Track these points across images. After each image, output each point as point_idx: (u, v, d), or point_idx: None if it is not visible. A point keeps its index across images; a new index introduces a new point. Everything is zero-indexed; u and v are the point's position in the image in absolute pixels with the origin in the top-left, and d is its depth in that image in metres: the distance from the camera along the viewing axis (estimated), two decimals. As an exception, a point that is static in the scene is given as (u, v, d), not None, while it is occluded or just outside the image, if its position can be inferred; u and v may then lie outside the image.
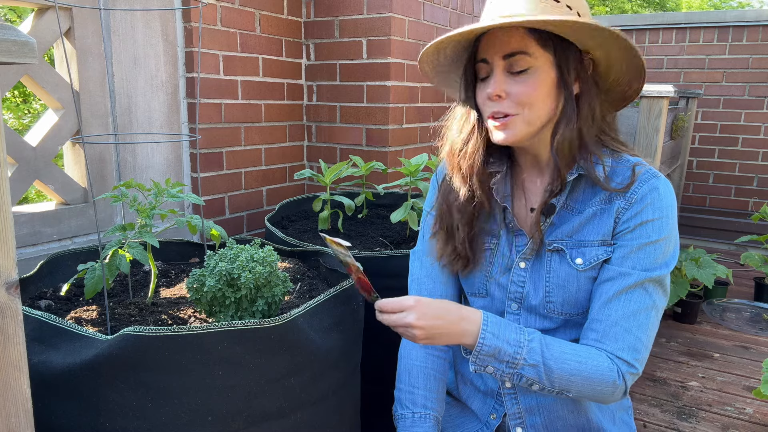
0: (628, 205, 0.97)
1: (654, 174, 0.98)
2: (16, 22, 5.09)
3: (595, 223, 1.00)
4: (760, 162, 4.11)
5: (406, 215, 1.71)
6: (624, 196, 0.97)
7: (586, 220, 1.00)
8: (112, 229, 1.16)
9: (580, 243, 1.01)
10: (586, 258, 1.00)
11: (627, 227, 0.97)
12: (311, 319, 1.07)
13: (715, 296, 3.08)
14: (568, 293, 1.01)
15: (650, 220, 0.95)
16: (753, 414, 2.06)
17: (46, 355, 0.96)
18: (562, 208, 1.02)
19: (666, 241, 0.96)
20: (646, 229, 0.96)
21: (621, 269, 0.96)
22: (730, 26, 4.05)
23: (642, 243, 0.96)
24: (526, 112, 0.95)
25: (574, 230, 1.01)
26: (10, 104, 5.26)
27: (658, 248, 0.96)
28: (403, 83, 2.33)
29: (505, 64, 0.95)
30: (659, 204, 0.96)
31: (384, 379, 1.53)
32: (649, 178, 0.97)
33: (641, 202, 0.96)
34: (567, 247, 1.01)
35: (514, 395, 1.08)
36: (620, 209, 0.98)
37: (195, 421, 0.95)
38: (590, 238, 1.00)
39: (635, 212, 0.96)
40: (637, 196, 0.97)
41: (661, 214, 0.96)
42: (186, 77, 1.95)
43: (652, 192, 0.96)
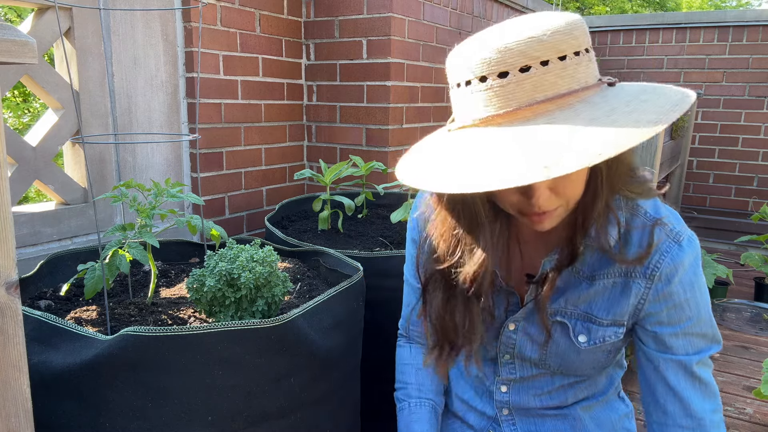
0: (651, 283, 0.84)
1: (676, 237, 0.84)
2: (16, 22, 5.09)
3: (608, 300, 0.88)
4: (760, 162, 4.11)
5: (406, 215, 1.71)
6: (645, 275, 0.84)
7: (597, 293, 0.88)
8: (112, 229, 1.16)
9: (586, 317, 0.90)
10: (592, 337, 0.90)
11: (659, 310, 0.86)
12: (311, 319, 1.07)
13: (715, 296, 3.08)
14: (566, 363, 0.94)
15: (684, 300, 0.85)
16: (753, 414, 2.06)
17: (46, 355, 0.96)
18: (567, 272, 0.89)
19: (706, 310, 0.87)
20: (683, 310, 0.85)
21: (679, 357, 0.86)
22: (730, 26, 4.04)
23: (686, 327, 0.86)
24: (568, 201, 0.78)
25: (582, 300, 0.89)
26: (10, 104, 5.26)
27: (703, 324, 0.86)
28: (403, 83, 2.33)
29: None
30: (688, 280, 0.84)
31: (384, 379, 1.53)
32: (670, 248, 0.83)
33: (668, 283, 0.84)
34: (570, 319, 0.90)
35: (512, 421, 1.06)
36: (642, 291, 0.85)
37: (195, 421, 0.95)
38: (600, 315, 0.89)
39: (664, 294, 0.85)
40: (660, 273, 0.83)
41: (694, 288, 0.85)
42: (186, 77, 1.95)
43: (677, 268, 0.83)
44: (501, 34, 0.70)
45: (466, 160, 0.69)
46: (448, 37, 2.61)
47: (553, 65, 0.68)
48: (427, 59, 2.47)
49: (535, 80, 0.67)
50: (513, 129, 0.67)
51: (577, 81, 0.69)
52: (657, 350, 0.88)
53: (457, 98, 0.75)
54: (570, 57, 0.69)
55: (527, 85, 0.68)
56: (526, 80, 0.67)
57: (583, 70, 0.70)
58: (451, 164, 0.70)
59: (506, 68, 0.68)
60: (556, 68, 0.68)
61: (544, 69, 0.67)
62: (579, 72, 0.69)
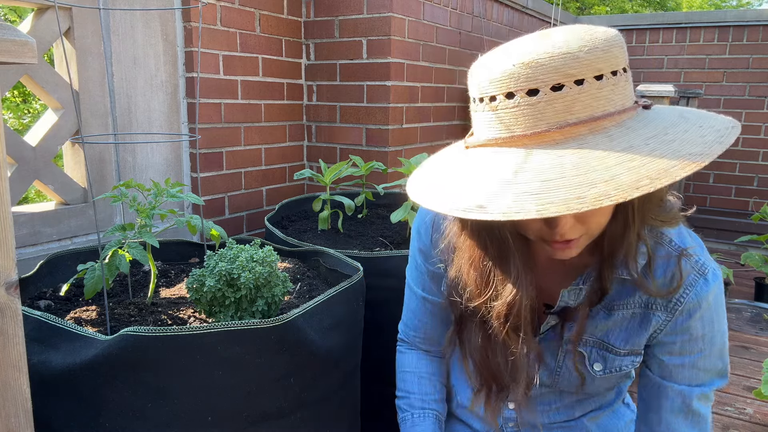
0: (671, 317, 0.81)
1: (701, 271, 0.80)
2: (16, 22, 5.09)
3: (626, 330, 0.85)
4: (761, 162, 4.11)
5: (406, 215, 1.71)
6: (666, 308, 0.81)
7: (616, 323, 0.85)
8: (111, 229, 1.15)
9: (603, 345, 0.87)
10: (608, 366, 0.88)
11: (673, 341, 0.83)
12: (311, 319, 1.07)
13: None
14: (577, 388, 0.93)
15: (701, 336, 0.82)
16: (753, 414, 2.06)
17: (45, 355, 0.95)
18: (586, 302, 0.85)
19: (720, 347, 0.84)
20: (697, 344, 0.82)
21: (680, 387, 0.84)
22: (730, 26, 4.04)
23: (695, 360, 0.83)
24: (592, 231, 0.74)
25: (599, 330, 0.86)
26: (10, 104, 5.26)
27: (714, 359, 0.84)
28: (403, 83, 2.33)
29: None
30: (709, 316, 0.81)
31: (384, 379, 1.53)
32: (695, 282, 0.79)
33: (688, 317, 0.81)
34: (586, 347, 0.87)
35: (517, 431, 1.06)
36: (660, 323, 0.83)
37: (195, 421, 0.95)
38: (617, 345, 0.86)
39: (682, 327, 0.81)
40: (682, 307, 0.80)
41: (713, 325, 0.82)
42: (186, 77, 1.95)
43: (700, 304, 0.80)
44: (532, 46, 0.64)
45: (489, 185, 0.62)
46: (448, 37, 2.61)
47: (589, 85, 0.62)
48: (427, 59, 2.47)
49: (568, 100, 0.61)
50: (540, 153, 0.62)
51: (613, 103, 0.63)
52: (660, 376, 0.87)
53: (479, 113, 0.69)
54: (607, 77, 0.63)
55: (559, 105, 0.62)
56: (558, 100, 0.61)
57: (620, 91, 0.64)
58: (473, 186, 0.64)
59: (537, 85, 0.62)
60: (592, 88, 0.62)
61: (579, 89, 0.61)
62: (616, 93, 0.63)
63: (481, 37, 2.88)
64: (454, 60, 2.67)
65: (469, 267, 0.83)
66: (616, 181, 0.56)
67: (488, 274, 0.81)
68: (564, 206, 0.56)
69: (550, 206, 0.56)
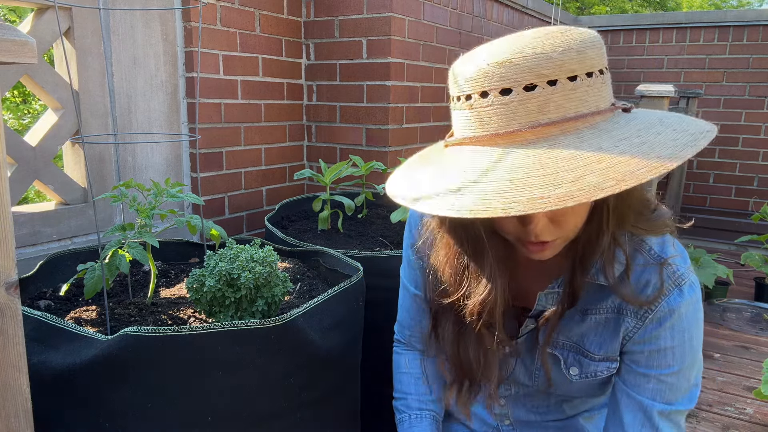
0: (641, 324, 0.80)
1: (677, 282, 0.78)
2: (15, 22, 5.09)
3: (600, 335, 0.84)
4: (761, 162, 4.11)
5: (405, 215, 1.71)
6: (636, 315, 0.80)
7: (590, 328, 0.84)
8: (111, 229, 1.15)
9: (579, 350, 0.86)
10: (583, 370, 0.87)
11: (641, 351, 0.81)
12: (311, 319, 1.07)
13: (715, 296, 3.08)
14: (558, 392, 0.93)
15: (669, 348, 0.79)
16: (753, 414, 2.06)
17: (45, 355, 0.95)
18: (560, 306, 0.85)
19: (690, 365, 0.80)
20: (664, 357, 0.80)
21: (642, 399, 0.82)
22: (730, 26, 4.04)
23: (661, 374, 0.80)
24: (567, 233, 0.74)
25: (574, 334, 0.86)
26: (10, 104, 5.26)
27: (682, 378, 0.80)
28: (403, 83, 2.33)
29: None
30: (680, 327, 0.78)
31: (384, 379, 1.53)
32: (669, 290, 0.78)
33: (658, 325, 0.79)
34: (563, 351, 0.87)
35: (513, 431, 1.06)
36: (630, 328, 0.81)
37: (195, 422, 0.95)
38: (592, 350, 0.85)
39: (650, 336, 0.80)
40: (652, 315, 0.79)
41: (683, 339, 0.79)
42: (186, 77, 1.95)
43: (672, 313, 0.78)
44: (506, 46, 0.64)
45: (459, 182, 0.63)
46: (448, 37, 2.61)
47: (562, 86, 0.62)
48: (427, 59, 2.47)
49: (540, 100, 0.62)
50: (511, 152, 0.62)
51: (587, 105, 0.63)
52: (625, 384, 0.84)
53: (456, 112, 0.70)
54: (581, 78, 0.63)
55: (531, 105, 0.62)
56: (530, 100, 0.62)
57: (595, 92, 0.64)
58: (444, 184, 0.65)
59: (510, 85, 0.63)
60: (565, 89, 0.62)
61: (551, 89, 0.62)
62: (590, 95, 0.64)
63: (481, 37, 2.88)
64: (454, 60, 2.66)
65: (444, 263, 0.84)
66: (582, 181, 0.56)
67: (462, 271, 0.82)
68: (529, 205, 0.56)
69: (516, 205, 0.57)
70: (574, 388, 0.91)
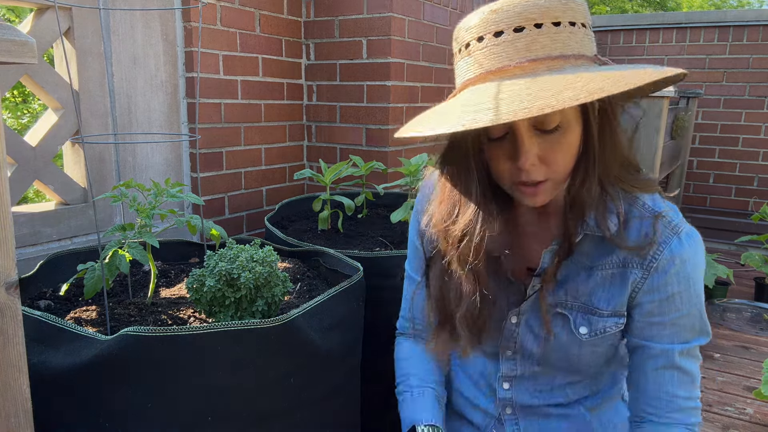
0: (647, 274, 0.85)
1: (675, 230, 0.84)
2: (15, 22, 5.09)
3: (608, 291, 0.89)
4: (761, 162, 4.11)
5: (406, 215, 1.71)
6: (642, 266, 0.85)
7: (597, 284, 0.89)
8: (111, 229, 1.15)
9: (587, 308, 0.90)
10: (592, 328, 0.90)
11: (650, 300, 0.86)
12: (311, 319, 1.07)
13: (715, 296, 3.08)
14: (567, 357, 0.94)
15: (677, 293, 0.85)
16: (753, 414, 2.06)
17: (45, 355, 0.95)
18: (566, 263, 0.89)
19: (698, 307, 0.87)
20: (674, 303, 0.85)
21: (662, 346, 0.88)
22: (730, 26, 4.04)
23: (674, 318, 0.86)
24: (557, 175, 0.79)
25: (582, 293, 0.90)
26: (9, 104, 5.26)
27: (693, 317, 0.87)
28: (403, 83, 2.33)
29: (532, 122, 0.76)
30: (684, 272, 0.84)
31: (384, 379, 1.53)
32: (669, 239, 0.83)
33: (663, 273, 0.84)
34: (571, 311, 0.91)
35: (515, 420, 1.05)
36: (637, 279, 0.86)
37: (195, 421, 0.95)
38: (600, 307, 0.89)
39: (658, 285, 0.85)
40: (657, 264, 0.84)
41: (688, 283, 0.85)
42: (186, 77, 1.95)
43: (674, 259, 0.83)
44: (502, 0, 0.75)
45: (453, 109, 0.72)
46: (448, 37, 2.61)
47: (547, 29, 0.72)
48: (427, 59, 2.47)
49: (528, 40, 0.71)
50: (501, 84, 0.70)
51: (570, 48, 0.73)
52: (642, 338, 0.90)
53: (459, 65, 0.79)
54: (564, 24, 0.72)
55: (520, 45, 0.72)
56: (519, 40, 0.72)
57: (577, 40, 0.73)
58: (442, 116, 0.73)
59: (501, 28, 0.72)
60: (550, 32, 0.72)
61: (537, 31, 0.71)
62: (572, 41, 0.73)
63: (481, 37, 2.88)
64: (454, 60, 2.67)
65: (441, 200, 0.91)
66: (559, 95, 0.64)
67: (454, 204, 0.89)
68: (512, 114, 0.63)
69: (502, 115, 0.64)
70: (583, 353, 0.92)
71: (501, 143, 0.79)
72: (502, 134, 0.79)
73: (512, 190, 0.83)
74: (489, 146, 0.82)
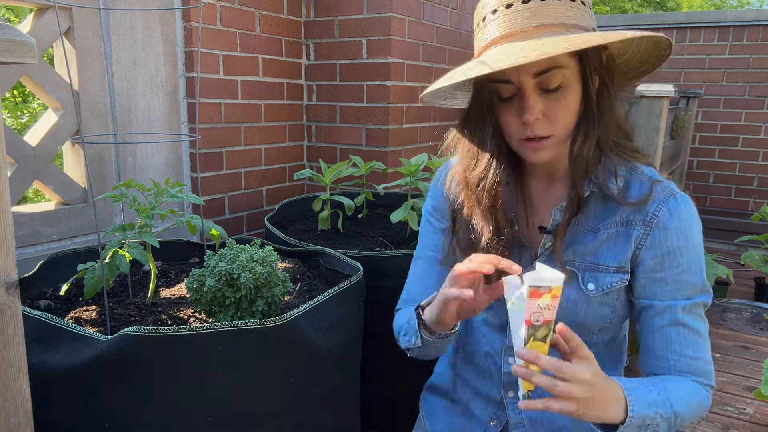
0: (649, 230, 0.92)
1: (672, 192, 0.93)
2: (14, 22, 5.08)
3: (612, 248, 0.95)
4: (761, 162, 4.11)
5: (406, 215, 1.71)
6: (644, 222, 0.93)
7: (602, 243, 0.95)
8: (111, 229, 1.15)
9: (594, 266, 0.96)
10: (599, 284, 0.96)
11: (653, 256, 0.93)
12: (311, 319, 1.07)
13: (715, 296, 3.08)
14: (575, 316, 0.97)
15: (677, 248, 0.92)
16: (753, 414, 2.06)
17: (46, 355, 0.95)
18: (573, 224, 0.96)
19: (698, 262, 0.93)
20: (675, 257, 0.92)
21: (665, 303, 0.93)
22: (730, 26, 4.04)
23: (675, 274, 0.92)
24: (559, 131, 0.89)
25: (588, 252, 0.96)
26: (9, 104, 5.26)
27: (694, 273, 0.92)
28: (403, 83, 2.33)
29: (536, 82, 0.86)
30: (682, 228, 0.92)
31: (384, 379, 1.53)
32: (667, 199, 0.92)
33: (664, 229, 0.91)
34: (579, 269, 0.97)
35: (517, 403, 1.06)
36: (640, 236, 0.93)
37: (195, 421, 0.95)
38: (605, 263, 0.95)
39: (659, 240, 0.92)
40: (657, 221, 0.92)
41: (687, 239, 0.92)
42: (186, 77, 1.95)
43: (672, 216, 0.92)
44: None
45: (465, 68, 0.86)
46: (448, 37, 2.61)
47: (550, 2, 0.84)
48: (427, 59, 2.47)
49: (533, 10, 0.84)
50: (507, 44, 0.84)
51: (569, 18, 0.85)
52: (646, 298, 0.95)
53: (477, 38, 0.92)
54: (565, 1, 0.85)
55: (526, 14, 0.84)
56: (526, 10, 0.84)
57: (576, 13, 0.85)
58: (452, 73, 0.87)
59: (512, 1, 0.85)
60: (552, 4, 0.84)
61: (542, 3, 0.84)
62: (572, 13, 0.85)
63: (481, 37, 2.88)
64: (454, 60, 2.67)
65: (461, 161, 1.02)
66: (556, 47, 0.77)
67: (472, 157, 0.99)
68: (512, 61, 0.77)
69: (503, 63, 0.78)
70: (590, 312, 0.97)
71: (511, 103, 0.90)
72: (511, 95, 0.89)
73: (519, 147, 0.93)
74: (500, 106, 0.92)
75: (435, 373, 1.25)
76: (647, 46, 0.91)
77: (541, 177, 1.02)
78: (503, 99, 0.91)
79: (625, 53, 0.95)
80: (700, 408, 0.92)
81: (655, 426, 0.86)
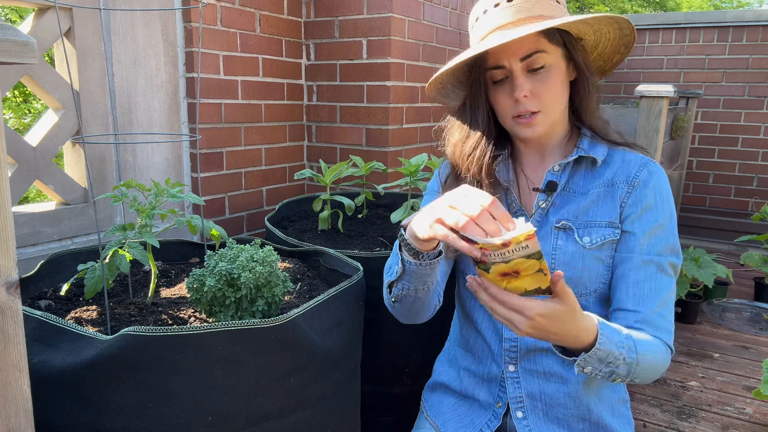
0: (631, 189, 1.05)
1: (649, 160, 1.08)
2: (16, 22, 5.09)
3: (601, 206, 1.06)
4: (760, 162, 4.11)
5: (406, 215, 1.71)
6: (626, 182, 1.06)
7: (591, 202, 1.07)
8: (112, 229, 1.16)
9: (587, 223, 1.06)
10: (594, 237, 1.05)
11: (634, 212, 1.04)
12: (311, 319, 1.07)
13: (715, 296, 3.08)
14: (573, 271, 1.05)
15: (654, 204, 1.04)
16: (753, 414, 2.06)
17: (46, 355, 0.96)
18: (564, 191, 1.09)
19: (671, 222, 1.04)
20: (652, 212, 1.03)
21: (642, 257, 1.02)
22: (729, 26, 4.04)
23: (652, 227, 1.03)
24: (547, 107, 1.02)
25: (580, 211, 1.07)
26: (11, 104, 5.26)
27: (667, 231, 1.03)
28: (403, 83, 2.33)
29: (524, 65, 1.01)
30: (658, 187, 1.04)
31: (384, 379, 1.53)
32: (646, 163, 1.06)
33: (644, 186, 1.04)
34: (574, 225, 1.07)
35: (517, 379, 1.10)
36: (624, 194, 1.05)
37: (195, 421, 0.95)
38: (597, 219, 1.06)
39: (639, 197, 1.04)
40: (638, 180, 1.05)
41: (662, 198, 1.04)
42: (186, 77, 1.95)
43: (651, 176, 1.05)
44: None
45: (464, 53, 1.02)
46: (448, 37, 2.61)
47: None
48: (427, 59, 2.47)
49: (517, 7, 1.00)
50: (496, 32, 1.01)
51: (548, 11, 1.00)
52: (624, 251, 1.04)
53: (472, 35, 1.07)
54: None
55: (511, 10, 1.00)
56: (510, 7, 1.00)
57: (555, 9, 1.01)
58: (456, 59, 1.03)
59: (499, 1, 1.01)
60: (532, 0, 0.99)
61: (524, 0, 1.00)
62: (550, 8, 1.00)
63: (481, 38, 2.88)
64: (454, 60, 2.67)
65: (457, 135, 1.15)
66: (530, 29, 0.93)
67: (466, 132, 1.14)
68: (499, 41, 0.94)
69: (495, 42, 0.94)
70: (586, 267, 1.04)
71: (502, 85, 1.04)
72: (503, 77, 1.03)
73: (513, 126, 1.06)
74: (493, 89, 1.06)
75: (435, 372, 1.26)
76: (614, 35, 1.06)
77: (534, 153, 1.13)
78: (496, 82, 1.05)
79: (598, 44, 1.10)
80: (660, 364, 0.97)
81: (615, 366, 0.91)
